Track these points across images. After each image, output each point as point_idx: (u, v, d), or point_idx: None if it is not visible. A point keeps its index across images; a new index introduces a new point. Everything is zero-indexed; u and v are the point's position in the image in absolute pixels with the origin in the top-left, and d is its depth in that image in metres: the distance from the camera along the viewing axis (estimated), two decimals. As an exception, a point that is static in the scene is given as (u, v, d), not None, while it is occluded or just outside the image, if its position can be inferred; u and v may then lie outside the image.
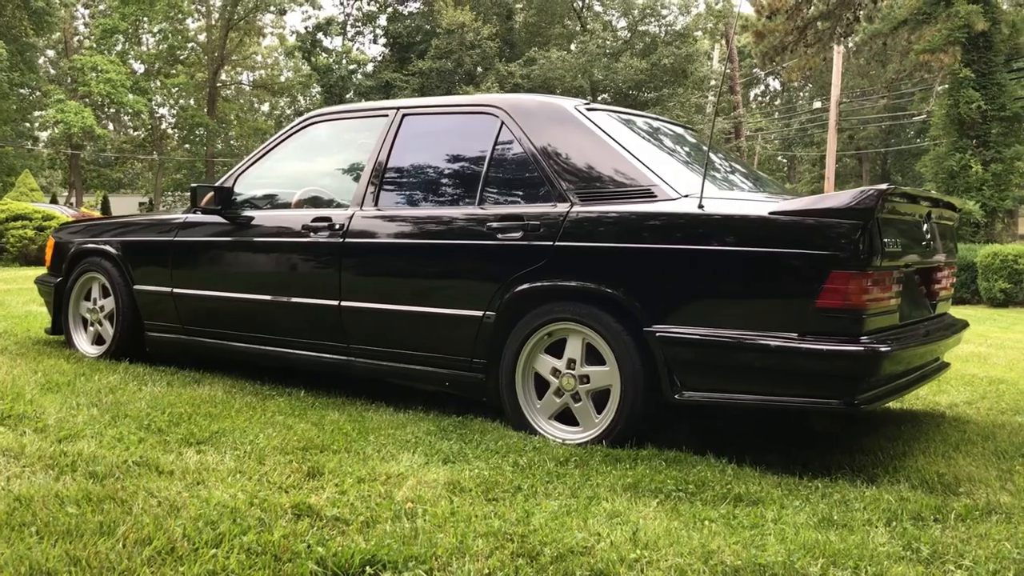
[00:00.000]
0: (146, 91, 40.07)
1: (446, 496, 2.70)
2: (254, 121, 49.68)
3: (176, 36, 42.84)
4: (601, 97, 32.94)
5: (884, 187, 3.06)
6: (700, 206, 3.29)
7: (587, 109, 3.87)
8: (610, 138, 3.67)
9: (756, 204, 3.37)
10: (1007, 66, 19.65)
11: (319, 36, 40.23)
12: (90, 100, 39.29)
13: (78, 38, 44.93)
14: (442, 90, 33.21)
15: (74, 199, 41.18)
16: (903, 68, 30.80)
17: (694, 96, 35.68)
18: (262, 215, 4.55)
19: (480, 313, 3.70)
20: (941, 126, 20.48)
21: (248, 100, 51.58)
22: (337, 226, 4.14)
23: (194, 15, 44.28)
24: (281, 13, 43.13)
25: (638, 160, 3.58)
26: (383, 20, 41.25)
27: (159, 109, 45.68)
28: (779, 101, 49.37)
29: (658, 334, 3.29)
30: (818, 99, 42.33)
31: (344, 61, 39.60)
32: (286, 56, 46.65)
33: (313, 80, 40.87)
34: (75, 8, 41.85)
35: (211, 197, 4.69)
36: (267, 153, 4.73)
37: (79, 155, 41.00)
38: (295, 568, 2.10)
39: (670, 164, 3.75)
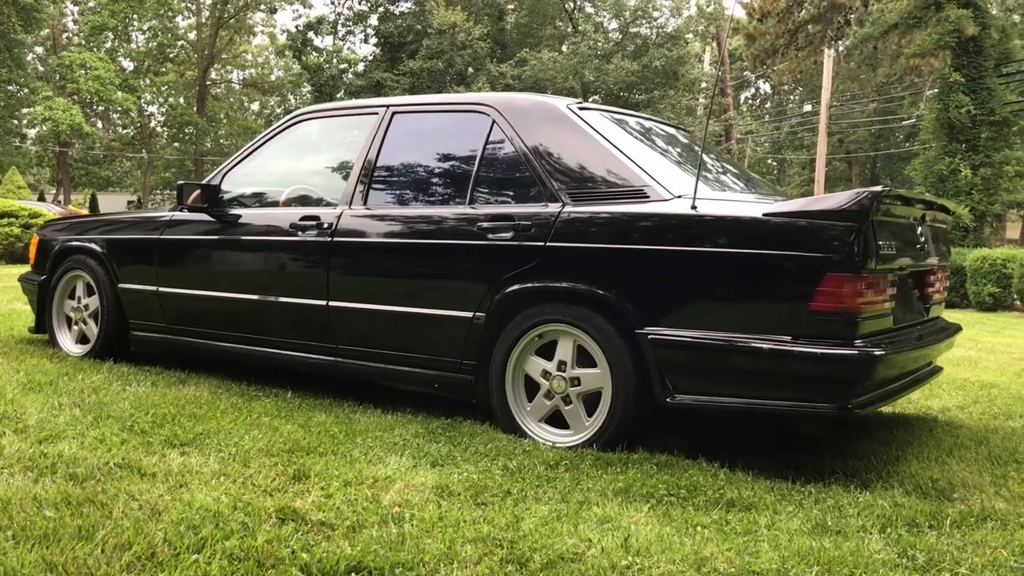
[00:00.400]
0: (135, 89, 39.86)
1: (434, 500, 2.65)
2: (244, 120, 49.50)
3: (166, 34, 42.63)
4: (592, 98, 32.91)
5: (879, 189, 3.03)
6: (693, 207, 3.25)
7: (579, 108, 3.82)
8: (602, 138, 3.63)
9: (750, 205, 3.34)
10: (997, 71, 19.72)
11: (310, 35, 40.11)
12: (78, 97, 39.06)
13: (67, 35, 44.66)
14: (433, 90, 33.15)
15: (62, 197, 40.92)
16: (893, 72, 30.89)
17: (685, 98, 35.73)
18: (249, 213, 4.50)
19: (470, 314, 3.65)
20: (931, 130, 20.53)
21: (238, 99, 51.39)
22: (325, 225, 4.09)
23: (184, 13, 44.10)
24: (271, 11, 42.99)
25: (630, 160, 3.54)
26: (374, 19, 41.17)
27: (148, 107, 45.47)
28: (769, 104, 49.47)
29: (650, 336, 3.25)
30: (808, 102, 42.42)
31: (335, 60, 39.49)
32: (276, 55, 46.49)
33: (303, 79, 40.74)
34: (64, 5, 41.60)
35: (198, 195, 4.63)
36: (255, 151, 4.67)
37: (67, 153, 40.77)
38: (279, 574, 2.05)
39: (663, 164, 3.71)
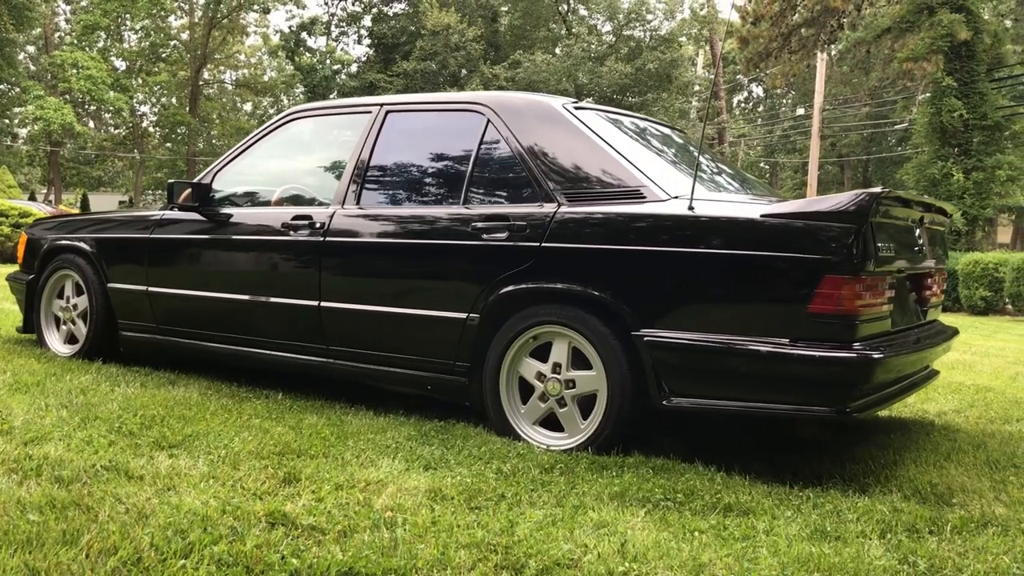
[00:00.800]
0: (127, 89, 39.69)
1: (427, 504, 2.61)
2: (236, 120, 49.32)
3: (158, 34, 42.47)
4: (586, 100, 32.92)
5: (878, 190, 3.00)
6: (690, 207, 3.21)
7: (575, 108, 3.79)
8: (598, 137, 3.59)
9: (747, 206, 3.30)
10: (989, 75, 19.78)
11: (303, 36, 40.08)
12: (70, 97, 38.89)
13: (59, 34, 44.47)
14: (426, 91, 33.11)
15: (53, 197, 40.72)
16: (886, 76, 30.95)
17: (678, 101, 35.76)
18: (241, 213, 4.44)
19: (464, 315, 3.61)
20: (923, 134, 20.60)
21: (231, 99, 51.21)
22: (318, 225, 4.04)
23: (177, 13, 43.94)
24: (265, 12, 42.84)
25: (627, 160, 3.50)
26: (368, 21, 41.14)
27: (140, 107, 45.28)
28: (762, 108, 49.54)
29: (646, 338, 3.21)
30: (801, 106, 42.50)
31: (328, 61, 39.45)
32: (269, 55, 46.38)
33: (296, 80, 40.66)
34: (56, 4, 41.45)
35: (189, 194, 4.57)
36: (247, 149, 4.61)
37: (58, 152, 40.59)
38: (268, 580, 2.00)
39: (659, 165, 3.68)
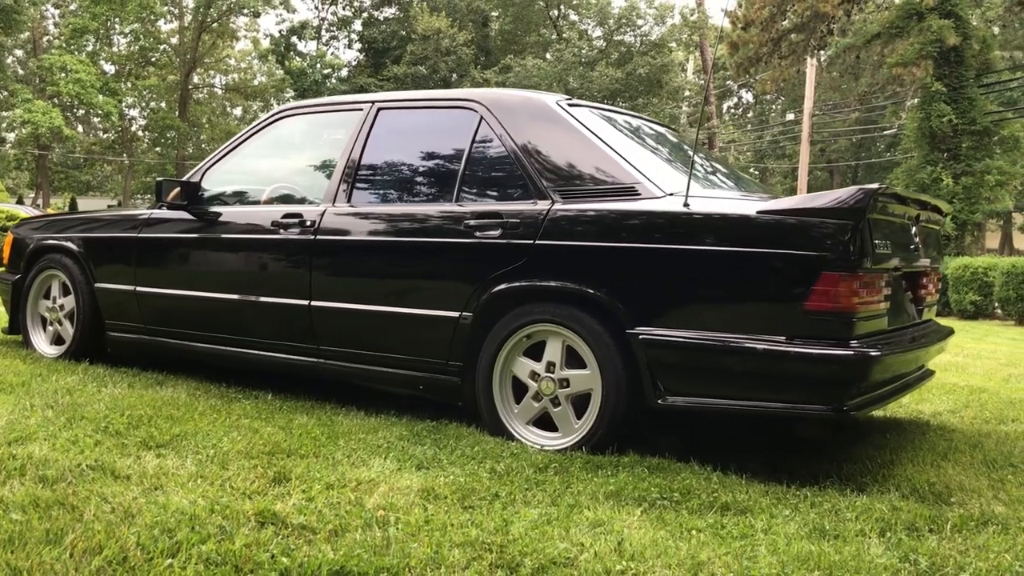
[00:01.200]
0: (116, 92, 39.53)
1: (420, 504, 2.56)
2: (226, 124, 49.12)
3: (148, 37, 42.32)
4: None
5: (875, 187, 2.97)
6: (685, 204, 3.18)
7: (569, 105, 3.75)
8: (592, 134, 3.56)
9: (743, 203, 3.27)
10: (978, 81, 19.85)
11: (293, 40, 40.01)
12: (59, 100, 38.70)
13: (48, 38, 44.27)
14: (417, 96, 33.08)
15: (41, 201, 40.49)
16: (875, 82, 31.08)
17: (668, 106, 35.81)
18: (230, 211, 4.39)
19: (456, 314, 3.57)
20: (913, 139, 20.66)
21: (220, 103, 51.05)
22: (308, 223, 3.99)
23: (166, 16, 43.79)
24: (255, 16, 42.73)
25: (621, 157, 3.47)
26: (358, 25, 41.16)
27: (129, 111, 45.08)
28: (752, 114, 49.69)
29: (641, 336, 3.17)
30: (791, 111, 42.64)
31: (318, 65, 39.38)
32: (259, 60, 46.26)
33: (286, 84, 40.57)
34: (44, 8, 41.25)
35: (177, 193, 4.52)
36: (237, 147, 4.56)
37: (47, 156, 40.36)
38: (257, 580, 1.96)
39: (654, 162, 3.65)
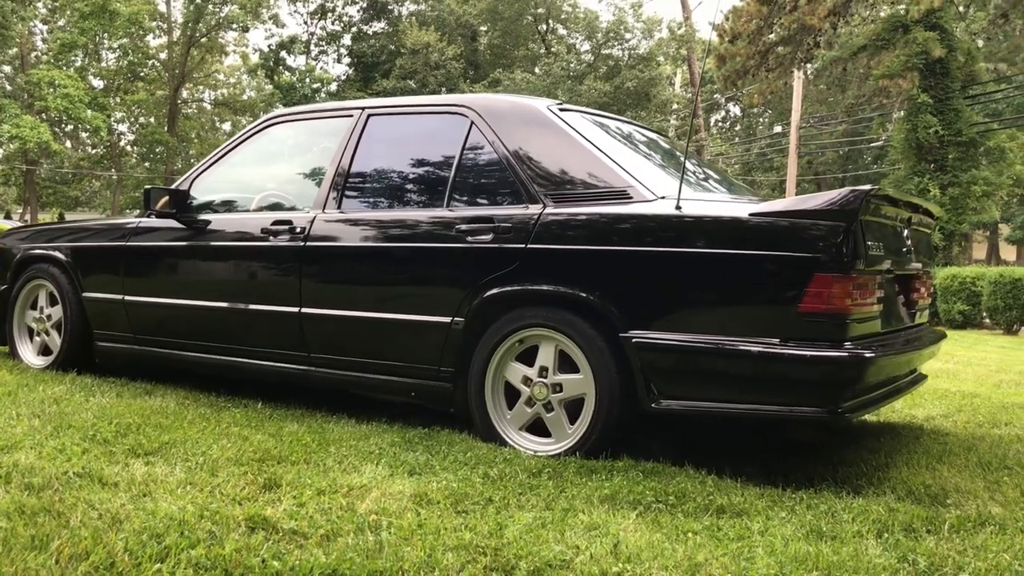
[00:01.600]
0: (105, 107, 39.43)
1: (412, 508, 2.53)
2: (215, 139, 49.03)
3: (136, 53, 42.27)
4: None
5: (867, 188, 2.97)
6: (678, 207, 3.17)
7: (560, 109, 3.74)
8: (583, 139, 3.55)
9: (735, 205, 3.27)
10: (963, 92, 19.99)
11: (282, 54, 40.01)
12: (47, 116, 38.57)
13: (36, 53, 44.16)
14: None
15: (29, 216, 40.28)
16: (862, 94, 31.25)
17: (657, 119, 35.93)
18: (219, 219, 4.36)
19: (448, 319, 3.54)
20: (900, 150, 20.76)
21: (209, 118, 51.00)
22: (298, 230, 3.96)
23: (155, 31, 43.75)
24: (244, 30, 42.72)
25: (612, 161, 3.46)
26: (347, 39, 41.21)
27: (118, 126, 44.98)
28: (739, 127, 49.90)
29: (634, 340, 3.15)
30: (778, 124, 42.84)
31: (308, 80, 39.38)
32: (248, 74, 46.25)
33: (276, 98, 40.53)
34: (33, 23, 41.15)
35: (166, 201, 4.49)
36: (226, 155, 4.54)
37: (34, 171, 40.20)
38: (248, 584, 1.92)
39: (645, 166, 3.64)
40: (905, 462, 3.37)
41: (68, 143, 45.50)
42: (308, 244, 3.92)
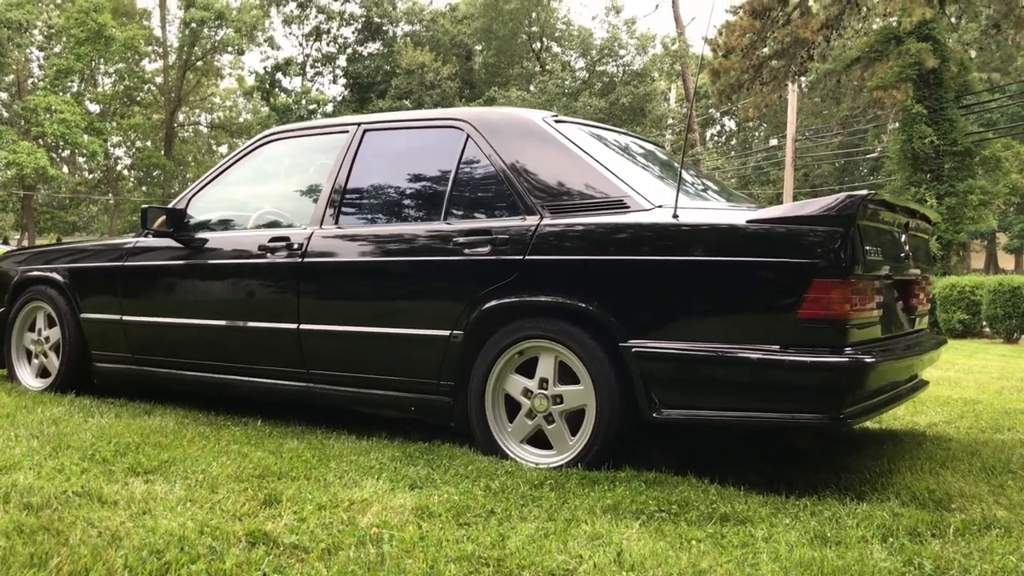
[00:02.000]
0: (101, 132, 39.55)
1: (414, 521, 2.51)
2: (212, 162, 49.16)
3: (132, 77, 42.45)
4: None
5: (864, 193, 2.97)
6: (674, 216, 3.17)
7: (555, 121, 3.75)
8: (580, 150, 3.55)
9: (732, 213, 3.26)
10: (957, 102, 20.07)
11: (278, 76, 40.18)
12: (44, 141, 38.68)
13: (32, 80, 44.33)
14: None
15: (26, 241, 40.30)
16: (856, 105, 31.39)
17: (652, 134, 36.07)
18: (216, 237, 4.36)
19: (447, 333, 3.53)
20: (896, 161, 20.82)
21: (206, 141, 51.15)
22: (295, 246, 3.96)
23: (151, 56, 43.95)
24: (239, 53, 42.92)
25: (609, 171, 3.46)
26: (343, 60, 41.39)
27: (115, 150, 45.07)
28: (735, 141, 50.07)
29: (634, 349, 3.14)
30: (774, 137, 42.97)
31: (304, 101, 39.51)
32: (244, 97, 46.42)
33: (272, 120, 40.67)
34: (29, 50, 41.32)
35: (163, 220, 4.48)
36: (222, 173, 4.54)
37: (32, 196, 40.26)
38: (249, 598, 1.90)
39: (642, 175, 3.64)
40: (908, 468, 3.36)
41: (65, 168, 45.63)
42: (306, 260, 3.92)
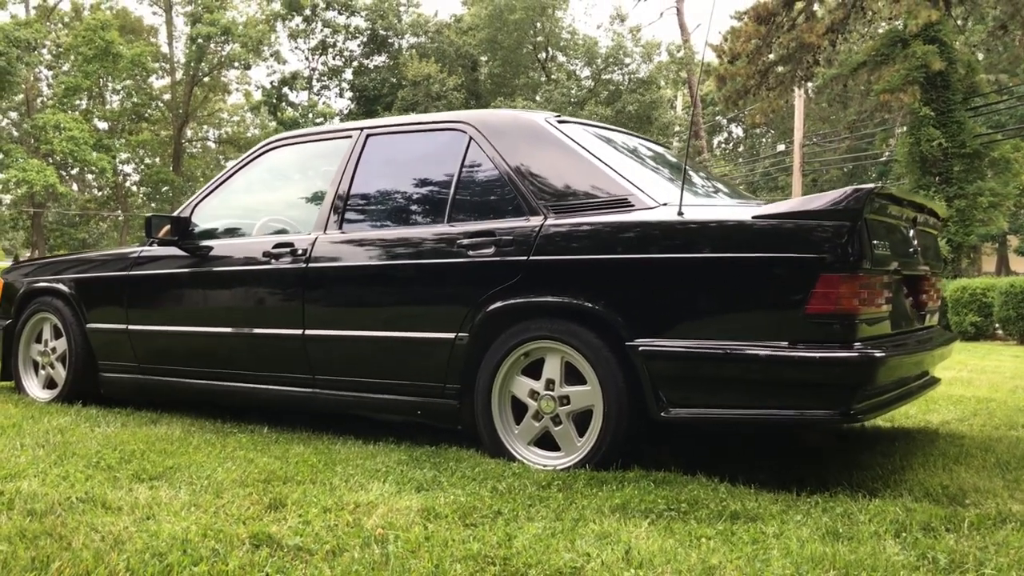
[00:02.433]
0: (110, 149, 39.74)
1: (420, 523, 2.48)
2: (220, 177, 49.27)
3: (140, 94, 42.67)
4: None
5: (871, 186, 2.94)
6: (680, 213, 3.14)
7: (558, 121, 3.73)
8: (582, 149, 3.53)
9: (738, 209, 3.24)
10: (965, 104, 19.98)
11: (285, 90, 40.33)
12: (53, 159, 38.89)
13: (41, 99, 44.62)
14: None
15: (37, 259, 40.41)
16: (863, 110, 31.33)
17: (659, 142, 36.08)
18: (221, 244, 4.35)
19: (452, 335, 3.51)
20: (904, 164, 20.73)
21: (214, 157, 51.35)
22: (300, 251, 3.95)
23: (158, 72, 44.17)
24: (246, 68, 43.13)
25: (612, 170, 3.43)
26: (349, 74, 41.52)
27: (123, 166, 45.28)
28: (742, 147, 50.00)
29: (641, 348, 3.11)
30: (781, 143, 42.91)
31: (310, 115, 39.64)
32: (252, 112, 46.59)
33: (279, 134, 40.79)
34: (37, 69, 41.59)
35: (168, 229, 4.48)
36: (226, 181, 4.53)
37: (42, 214, 40.47)
38: (251, 599, 1.88)
39: (646, 174, 3.61)
40: (921, 464, 3.31)
41: (74, 186, 45.85)
42: (310, 266, 3.90)
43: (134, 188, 47.74)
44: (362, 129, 4.15)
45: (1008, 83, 27.08)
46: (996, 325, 15.13)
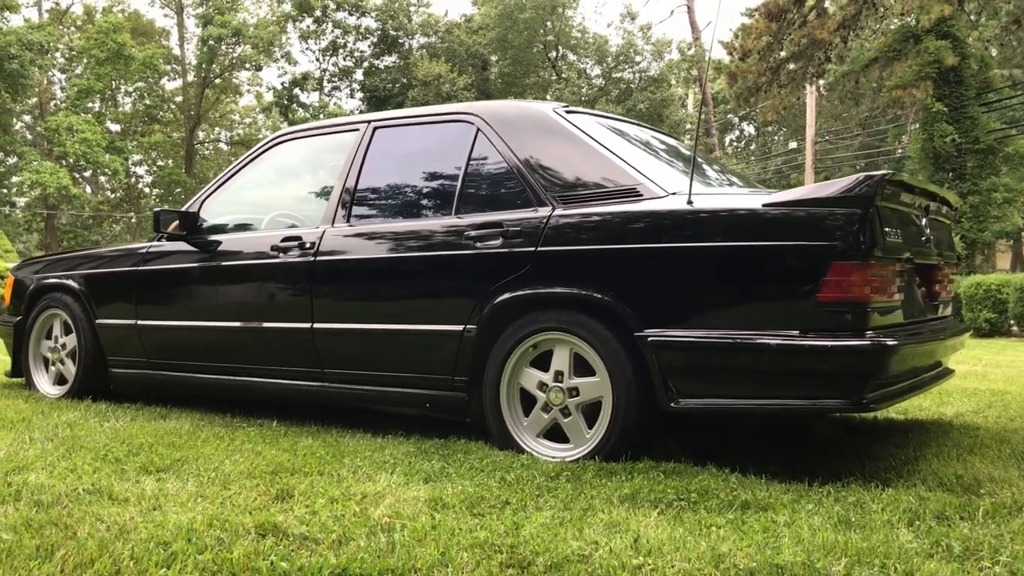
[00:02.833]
0: (122, 151, 39.92)
1: (427, 512, 2.46)
2: (232, 179, 49.41)
3: (152, 96, 42.85)
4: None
5: (882, 173, 2.90)
6: (689, 202, 3.11)
7: (566, 112, 3.70)
8: (590, 139, 3.50)
9: (748, 198, 3.21)
10: (978, 99, 19.86)
11: (296, 91, 40.42)
12: (66, 161, 39.10)
13: (54, 102, 44.86)
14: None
15: (50, 261, 40.61)
16: (876, 106, 31.17)
17: (671, 134, 36.04)
18: (229, 238, 4.34)
19: (461, 327, 3.49)
20: (917, 160, 20.62)
21: (226, 158, 51.51)
22: (308, 245, 3.94)
23: (170, 74, 44.35)
24: (257, 69, 43.22)
25: (621, 160, 3.41)
26: (359, 74, 41.57)
27: (136, 168, 45.46)
28: (754, 145, 49.83)
29: (650, 339, 3.08)
30: (793, 140, 42.75)
31: (321, 116, 39.72)
32: (263, 113, 46.73)
33: (291, 136, 40.84)
34: (50, 72, 41.80)
35: (176, 224, 4.48)
36: (234, 175, 4.53)
37: (55, 216, 40.69)
38: (255, 586, 1.86)
39: (654, 163, 3.58)
40: (935, 455, 3.27)
41: (87, 188, 46.09)
42: (318, 259, 3.89)
43: (147, 190, 47.91)
44: (369, 122, 4.13)
45: (1022, 78, 26.89)
46: (1011, 321, 15.03)
